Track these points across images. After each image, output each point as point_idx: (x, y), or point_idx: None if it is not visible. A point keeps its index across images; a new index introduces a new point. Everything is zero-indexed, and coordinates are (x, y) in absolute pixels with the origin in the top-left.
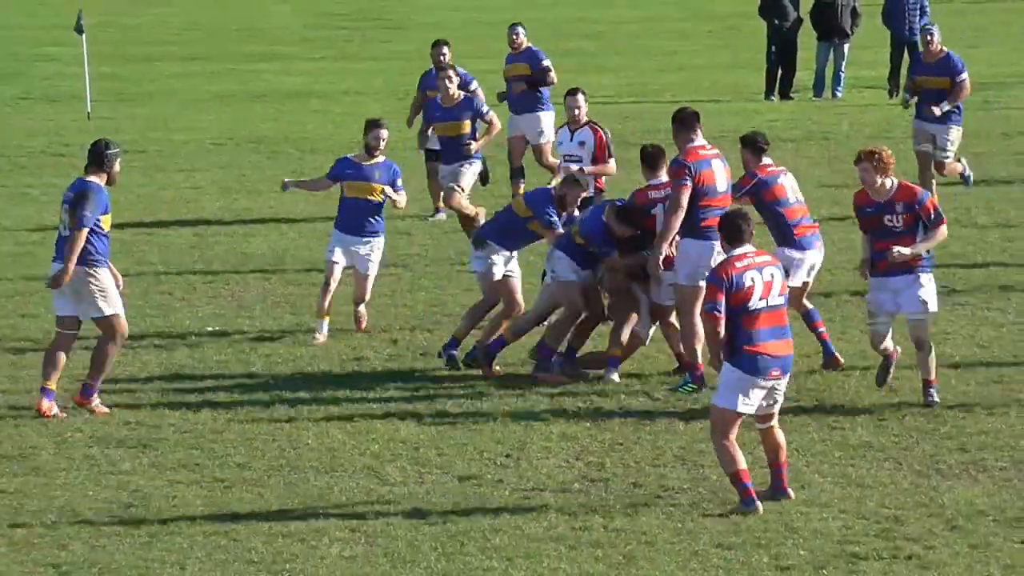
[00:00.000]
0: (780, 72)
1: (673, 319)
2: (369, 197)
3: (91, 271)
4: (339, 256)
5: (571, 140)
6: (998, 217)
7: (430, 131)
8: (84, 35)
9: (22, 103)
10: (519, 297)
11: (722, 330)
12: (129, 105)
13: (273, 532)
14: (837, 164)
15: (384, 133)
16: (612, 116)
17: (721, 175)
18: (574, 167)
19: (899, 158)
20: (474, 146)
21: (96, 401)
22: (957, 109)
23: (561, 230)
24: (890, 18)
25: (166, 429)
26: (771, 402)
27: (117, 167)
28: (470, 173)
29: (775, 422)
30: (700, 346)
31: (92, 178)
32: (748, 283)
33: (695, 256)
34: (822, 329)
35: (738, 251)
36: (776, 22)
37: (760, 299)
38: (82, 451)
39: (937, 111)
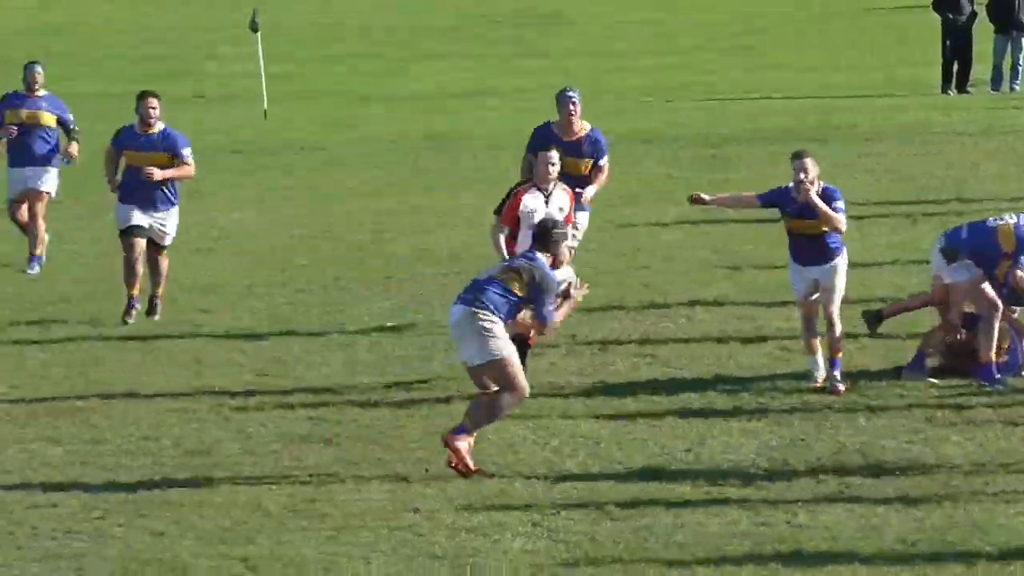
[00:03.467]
0: (956, 66)
1: None
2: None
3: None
4: None
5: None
6: None
7: None
8: (259, 33)
9: (197, 102)
10: None
11: None
12: (304, 103)
13: (456, 527)
14: (1016, 157)
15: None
16: (792, 112)
17: None
18: None
19: None
20: None
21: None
22: None
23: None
24: None
25: (348, 424)
26: None
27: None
28: None
29: None
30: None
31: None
32: None
33: None
34: None
35: None
36: (951, 16)
37: None
38: (266, 447)
39: None
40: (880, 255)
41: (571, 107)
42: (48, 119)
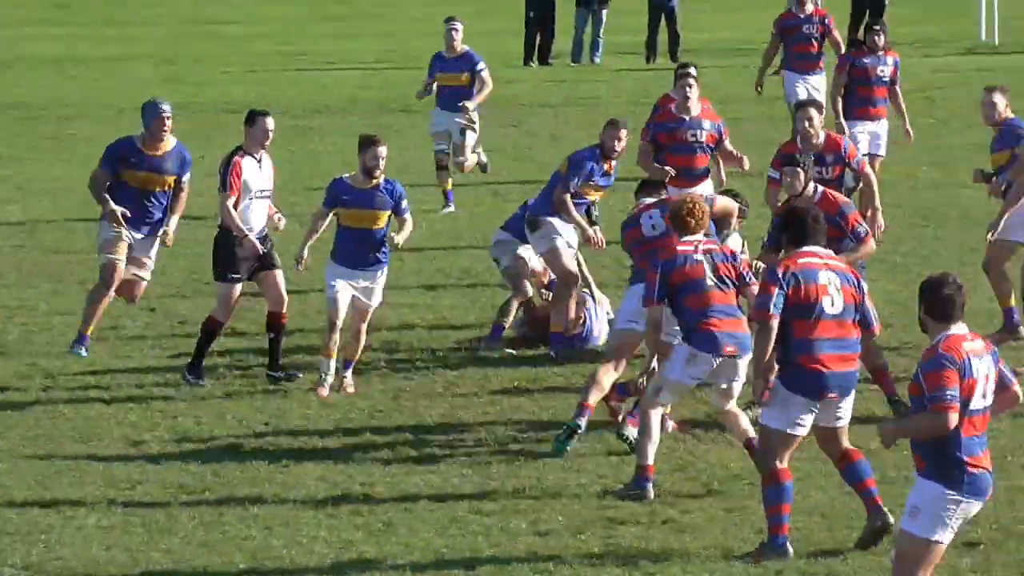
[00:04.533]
0: (539, 38)
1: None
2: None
3: None
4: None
5: None
6: None
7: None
8: None
9: None
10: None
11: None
12: None
13: (29, 502)
14: (596, 129)
15: (384, 151)
16: (374, 84)
17: None
18: None
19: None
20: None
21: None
22: None
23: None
24: None
25: None
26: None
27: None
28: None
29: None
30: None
31: None
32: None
33: None
34: None
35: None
36: None
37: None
38: None
39: None
40: (462, 233)
41: (165, 125)
42: None
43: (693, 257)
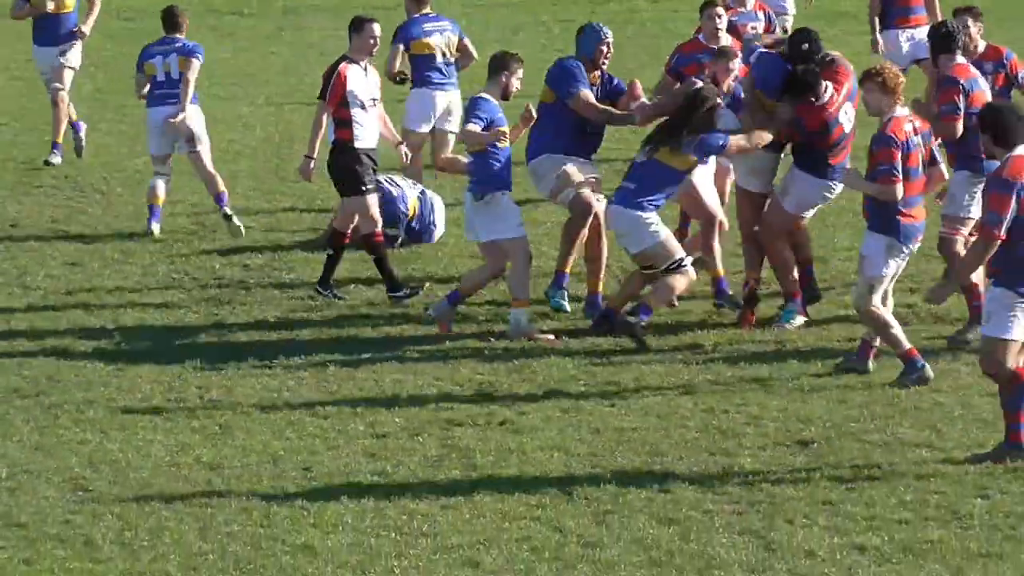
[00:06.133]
0: None
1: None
2: None
3: None
4: None
5: None
6: None
7: None
8: None
9: None
10: None
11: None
12: None
13: None
14: None
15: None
16: None
17: None
18: None
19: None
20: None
21: None
22: None
23: None
24: None
25: None
26: None
27: None
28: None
29: None
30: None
31: None
32: None
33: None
34: None
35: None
36: None
37: None
38: None
39: None
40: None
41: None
42: None
43: (914, 141)
